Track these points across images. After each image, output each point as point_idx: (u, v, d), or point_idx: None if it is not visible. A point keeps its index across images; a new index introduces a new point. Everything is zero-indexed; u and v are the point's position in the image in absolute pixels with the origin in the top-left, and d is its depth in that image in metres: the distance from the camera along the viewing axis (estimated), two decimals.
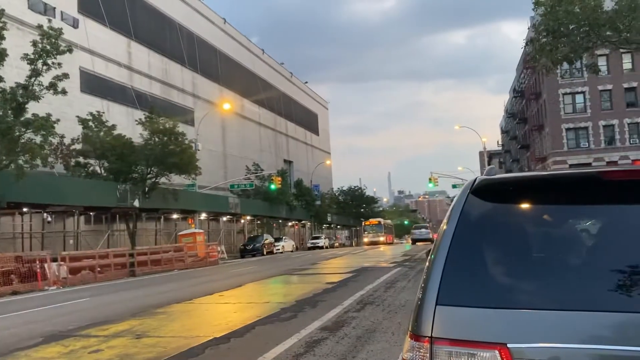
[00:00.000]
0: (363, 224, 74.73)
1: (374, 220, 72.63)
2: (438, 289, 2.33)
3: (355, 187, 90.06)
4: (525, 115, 64.60)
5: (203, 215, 44.17)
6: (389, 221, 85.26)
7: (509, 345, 2.12)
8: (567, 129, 49.92)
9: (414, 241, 58.93)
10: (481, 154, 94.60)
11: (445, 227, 2.57)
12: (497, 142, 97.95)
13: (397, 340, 7.40)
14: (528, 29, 47.70)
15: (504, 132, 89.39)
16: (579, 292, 2.24)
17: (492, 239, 2.51)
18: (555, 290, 2.27)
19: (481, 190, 2.65)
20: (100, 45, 39.37)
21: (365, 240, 68.82)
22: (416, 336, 2.30)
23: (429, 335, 2.25)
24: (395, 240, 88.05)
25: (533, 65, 40.88)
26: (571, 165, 47.73)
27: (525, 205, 2.61)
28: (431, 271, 2.42)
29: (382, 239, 66.62)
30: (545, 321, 2.15)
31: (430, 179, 54.24)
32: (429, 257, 2.61)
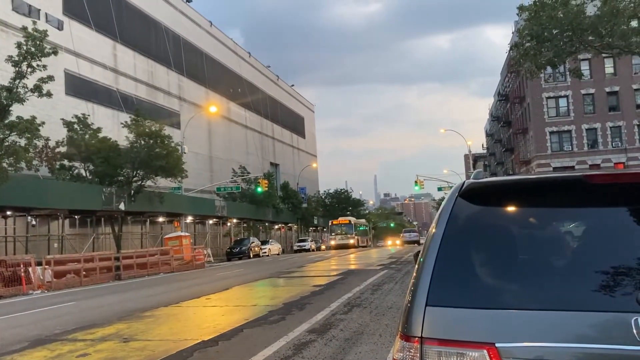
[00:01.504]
0: (330, 224, 63.52)
1: (343, 219, 63.74)
2: (428, 290, 2.38)
3: (341, 189, 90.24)
4: (510, 118, 65.17)
5: (189, 219, 43.97)
6: (362, 221, 75.14)
7: (497, 345, 2.17)
8: (551, 132, 50.47)
9: (405, 242, 72.22)
10: (466, 157, 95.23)
11: (434, 229, 2.62)
12: (482, 145, 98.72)
13: (385, 342, 7.46)
14: (512, 33, 48.21)
15: (489, 135, 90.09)
16: (564, 293, 2.30)
17: (481, 241, 2.57)
18: (542, 291, 2.33)
19: (469, 193, 2.71)
20: (86, 48, 39.08)
21: (332, 242, 59.87)
22: (406, 336, 2.34)
23: (419, 335, 2.30)
24: (380, 243, 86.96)
25: (517, 70, 41.34)
26: (555, 168, 48.23)
27: (512, 208, 2.67)
28: (421, 273, 2.47)
29: (352, 241, 58.84)
30: (532, 321, 2.21)
31: (416, 182, 54.51)
32: (418, 259, 2.66)
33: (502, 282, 2.43)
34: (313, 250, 59.06)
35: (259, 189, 51.27)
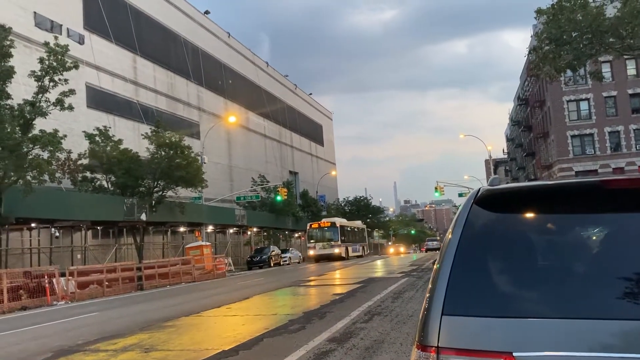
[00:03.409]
0: (308, 227, 47.88)
1: (325, 222, 47.53)
2: (444, 298, 2.35)
3: (361, 197, 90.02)
4: (530, 122, 64.53)
5: (210, 228, 44.23)
6: (357, 223, 58.12)
7: (515, 354, 2.14)
8: (573, 136, 49.83)
9: (427, 250, 75.51)
10: (487, 162, 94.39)
11: (450, 237, 2.60)
12: (503, 150, 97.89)
13: (406, 351, 7.39)
14: (531, 37, 47.80)
15: (509, 140, 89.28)
16: (584, 301, 2.26)
17: (497, 248, 2.54)
18: (561, 299, 2.29)
19: (485, 200, 2.68)
20: (106, 61, 39.72)
21: (311, 253, 45.55)
22: (423, 346, 2.32)
23: (436, 345, 2.27)
24: (402, 251, 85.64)
25: (536, 73, 40.92)
26: (577, 172, 47.58)
27: (528, 215, 2.64)
28: (437, 281, 2.45)
29: (337, 251, 44.12)
30: (551, 329, 2.17)
31: (436, 188, 54.17)
32: (434, 267, 2.64)
33: (519, 290, 2.39)
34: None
35: (279, 198, 51.41)
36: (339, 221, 48.11)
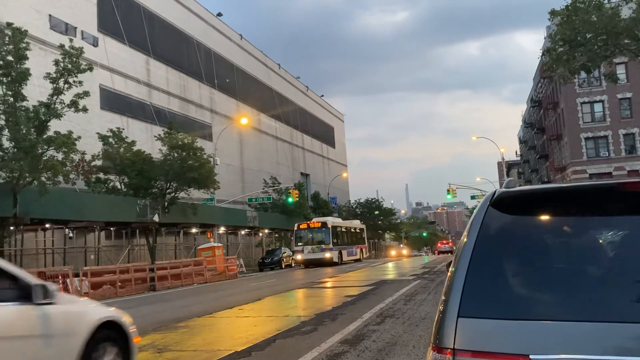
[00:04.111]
0: (295, 228, 42.54)
1: (314, 222, 42.26)
2: (460, 301, 2.36)
3: (372, 199, 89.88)
4: (544, 125, 64.09)
5: (222, 229, 44.38)
6: (355, 223, 51.63)
7: (531, 357, 2.14)
8: (586, 138, 49.40)
9: (439, 253, 78.44)
10: (499, 164, 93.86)
11: (465, 239, 2.60)
12: (516, 152, 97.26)
13: (418, 354, 7.38)
14: (544, 38, 47.48)
15: (522, 142, 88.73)
16: (601, 304, 2.25)
17: (513, 251, 2.54)
18: (577, 302, 2.29)
19: (501, 202, 2.68)
20: (120, 63, 40.05)
21: (298, 257, 40.78)
22: (439, 348, 2.33)
23: (452, 347, 2.28)
24: (411, 253, 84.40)
25: (550, 75, 40.67)
26: (591, 175, 47.16)
27: (544, 217, 2.63)
28: (452, 283, 2.45)
29: (328, 255, 38.78)
30: (568, 332, 2.17)
31: (448, 191, 53.94)
32: (449, 270, 2.64)
33: (535, 292, 2.39)
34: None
35: (290, 199, 51.47)
36: (331, 221, 42.09)
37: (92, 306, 5.90)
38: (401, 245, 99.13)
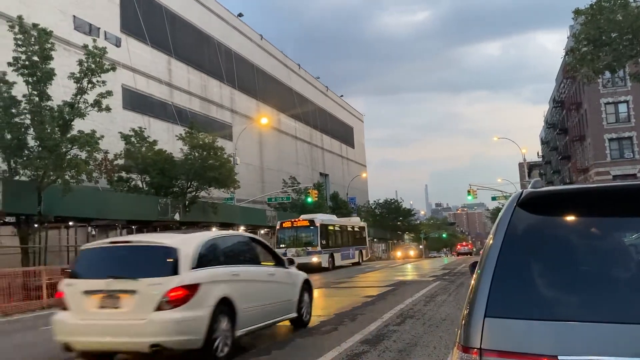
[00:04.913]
0: (278, 227, 36.02)
1: (300, 220, 35.37)
2: (486, 300, 2.35)
3: (391, 199, 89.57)
4: (566, 125, 63.29)
5: (241, 228, 44.56)
6: (355, 220, 45.29)
7: (559, 358, 2.13)
8: (610, 139, 48.66)
9: (458, 254, 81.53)
10: (521, 165, 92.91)
11: (491, 240, 2.59)
12: (537, 153, 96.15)
13: (439, 354, 7.35)
14: (567, 38, 46.89)
15: (544, 143, 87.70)
16: (630, 305, 2.23)
17: (540, 251, 2.52)
18: (606, 303, 2.27)
19: (528, 203, 2.67)
20: (142, 63, 40.49)
21: None
22: (465, 348, 2.32)
23: (478, 347, 2.28)
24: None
25: (573, 75, 40.15)
26: (615, 177, 46.43)
27: (573, 218, 2.61)
28: (479, 283, 2.45)
29: (315, 260, 32.12)
30: (596, 333, 2.15)
31: (469, 192, 53.58)
32: (475, 270, 2.63)
33: (563, 293, 2.38)
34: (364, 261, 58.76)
35: (309, 199, 51.55)
36: (320, 219, 35.30)
37: (300, 272, 10.85)
38: (409, 244, 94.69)
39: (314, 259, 32.08)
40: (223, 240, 8.77)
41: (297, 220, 35.41)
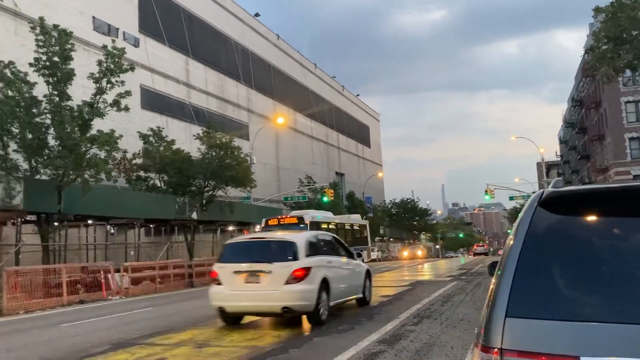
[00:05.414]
0: (262, 224, 31.39)
1: (288, 217, 31.47)
2: (507, 300, 2.35)
3: (407, 199, 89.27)
4: (585, 124, 62.51)
5: (257, 227, 44.69)
6: (354, 218, 41.41)
7: (582, 359, 2.12)
8: (631, 139, 47.96)
9: (475, 254, 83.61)
10: (539, 165, 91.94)
11: (512, 241, 2.58)
12: (556, 152, 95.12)
13: (457, 355, 7.32)
14: (587, 36, 46.32)
15: (563, 142, 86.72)
16: None
17: (562, 251, 2.51)
18: (629, 304, 2.25)
19: (550, 202, 2.66)
20: (160, 63, 40.82)
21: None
22: (486, 347, 2.32)
23: (499, 346, 2.28)
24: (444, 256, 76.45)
25: (593, 74, 39.63)
26: (635, 176, 45.78)
27: (595, 218, 2.59)
28: (499, 284, 2.44)
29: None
30: (620, 334, 2.14)
31: (486, 191, 53.13)
32: (496, 270, 2.63)
33: (585, 293, 2.36)
34: (379, 261, 58.73)
35: (325, 199, 51.56)
36: (312, 215, 31.44)
37: (364, 263, 14.11)
38: (417, 244, 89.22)
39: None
40: (318, 237, 12.07)
41: (284, 217, 31.97)
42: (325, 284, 10.59)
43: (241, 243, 11.69)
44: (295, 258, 10.23)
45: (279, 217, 31.92)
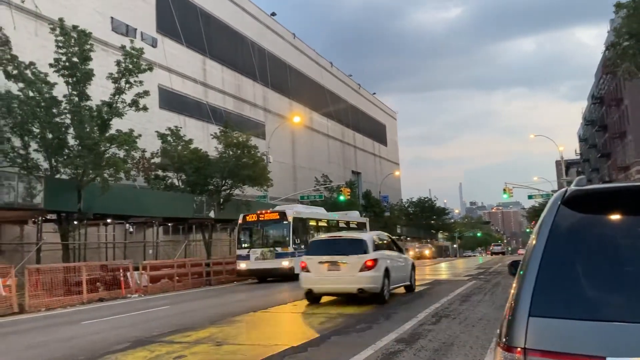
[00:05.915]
0: (240, 220, 27.04)
1: (269, 214, 26.72)
2: (531, 300, 2.32)
3: (425, 198, 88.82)
4: (606, 122, 61.66)
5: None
6: (353, 216, 37.79)
7: (608, 359, 2.09)
8: None
9: (492, 254, 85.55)
10: (558, 163, 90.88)
11: (534, 240, 2.55)
12: (575, 150, 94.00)
13: (476, 354, 7.27)
14: (608, 32, 45.67)
15: (582, 140, 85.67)
16: None
17: (585, 250, 2.48)
18: None
19: (573, 201, 2.62)
20: (177, 63, 41.11)
21: (242, 266, 25.71)
22: (508, 347, 2.30)
23: (522, 346, 2.25)
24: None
25: (614, 71, 39.07)
26: None
27: (619, 217, 2.56)
28: (522, 283, 2.42)
29: (285, 263, 24.81)
30: None
31: (504, 190, 52.70)
32: (519, 269, 2.60)
33: (610, 293, 2.33)
34: None
35: (341, 198, 51.52)
36: (296, 211, 27.74)
37: (410, 258, 17.27)
38: (424, 243, 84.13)
39: (284, 263, 24.82)
40: (379, 236, 15.46)
41: (264, 212, 27.19)
42: (387, 272, 13.64)
43: (323, 240, 15.06)
44: (365, 252, 13.42)
45: (259, 212, 27.56)
